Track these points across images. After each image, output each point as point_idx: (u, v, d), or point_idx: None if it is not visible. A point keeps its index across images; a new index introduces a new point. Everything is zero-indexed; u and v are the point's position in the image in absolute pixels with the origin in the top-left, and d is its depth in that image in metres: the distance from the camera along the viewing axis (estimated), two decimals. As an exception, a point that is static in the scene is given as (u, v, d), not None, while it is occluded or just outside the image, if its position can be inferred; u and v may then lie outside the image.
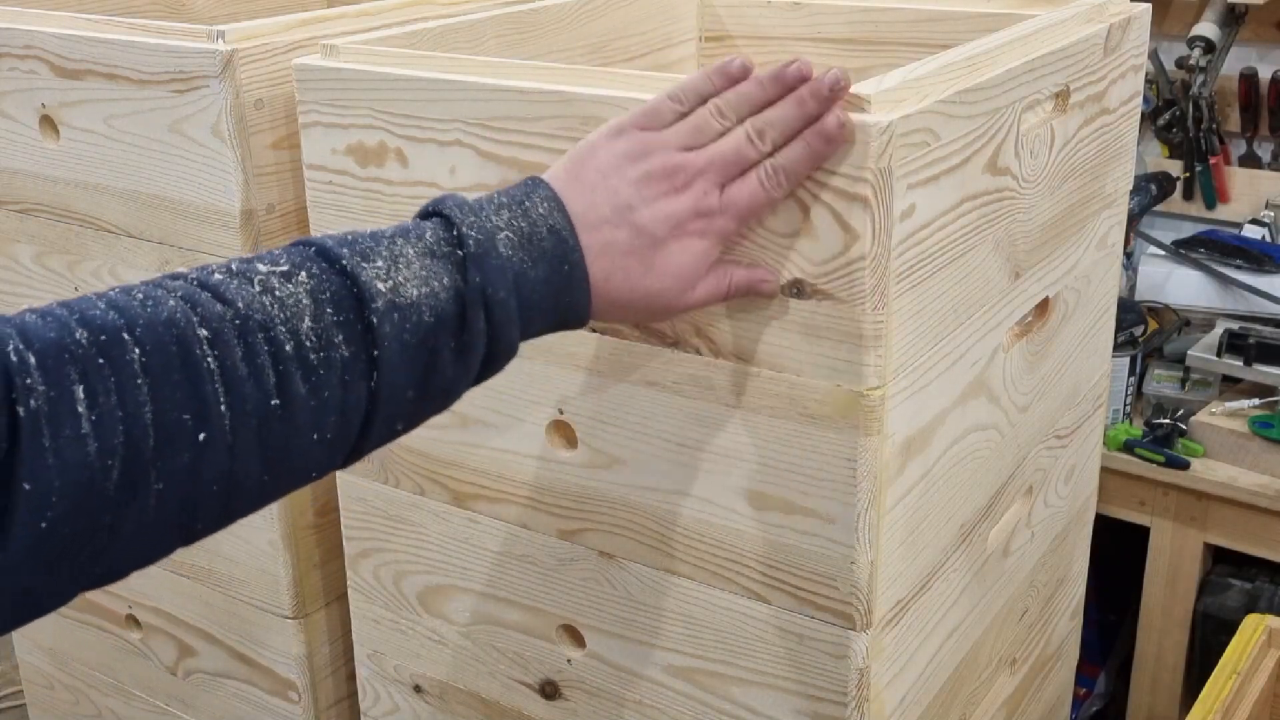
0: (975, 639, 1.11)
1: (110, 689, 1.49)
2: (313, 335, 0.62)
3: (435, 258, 0.68)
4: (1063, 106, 1.04)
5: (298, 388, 0.62)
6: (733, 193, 0.78)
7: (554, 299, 0.72)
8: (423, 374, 0.67)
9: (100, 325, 0.58)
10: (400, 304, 0.65)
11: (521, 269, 0.70)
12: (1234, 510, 1.79)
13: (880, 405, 0.85)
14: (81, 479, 0.55)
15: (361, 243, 0.67)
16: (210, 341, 0.59)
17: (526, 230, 0.71)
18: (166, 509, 0.59)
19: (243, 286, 0.62)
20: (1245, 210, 2.13)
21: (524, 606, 1.07)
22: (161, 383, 0.58)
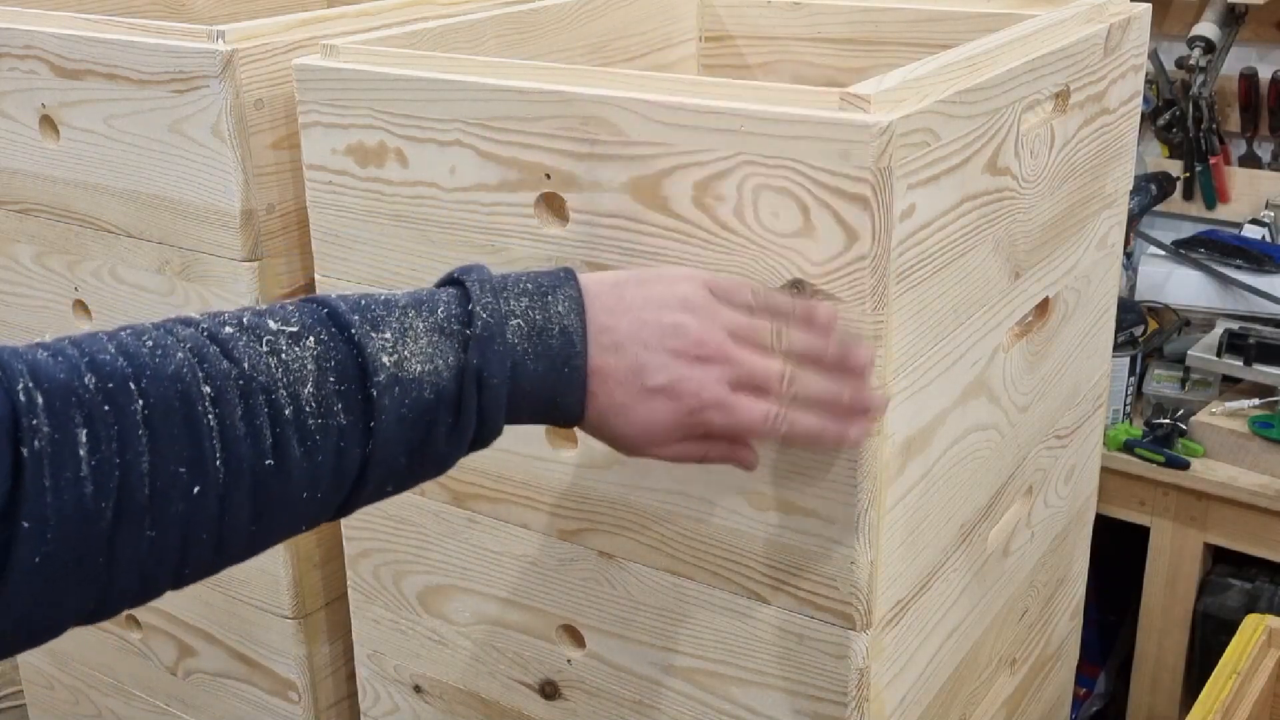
0: (975, 639, 1.11)
1: (110, 689, 1.49)
2: (313, 401, 0.64)
3: (443, 335, 0.69)
4: (1063, 106, 1.04)
5: (293, 450, 0.63)
6: (739, 400, 0.76)
7: (547, 395, 0.73)
8: (417, 446, 0.69)
9: (109, 372, 0.59)
10: (403, 379, 0.67)
11: (522, 359, 0.71)
12: (1234, 510, 1.79)
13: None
14: (77, 519, 0.56)
15: (373, 310, 0.68)
16: (213, 399, 0.61)
17: (540, 323, 0.72)
18: (157, 553, 0.60)
19: (250, 345, 0.64)
20: (1245, 210, 2.13)
21: (524, 606, 1.07)
22: (161, 436, 0.59)
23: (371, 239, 1.03)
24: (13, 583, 0.55)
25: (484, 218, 0.96)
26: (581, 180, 0.90)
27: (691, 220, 0.86)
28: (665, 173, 0.86)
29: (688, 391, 0.74)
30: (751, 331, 0.77)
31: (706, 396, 0.75)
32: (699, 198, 0.85)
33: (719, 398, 0.75)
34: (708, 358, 0.75)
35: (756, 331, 0.77)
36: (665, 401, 0.74)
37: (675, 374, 0.74)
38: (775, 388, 0.77)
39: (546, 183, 0.92)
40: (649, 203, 0.88)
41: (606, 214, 0.90)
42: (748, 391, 0.76)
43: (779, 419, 0.77)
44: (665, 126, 0.85)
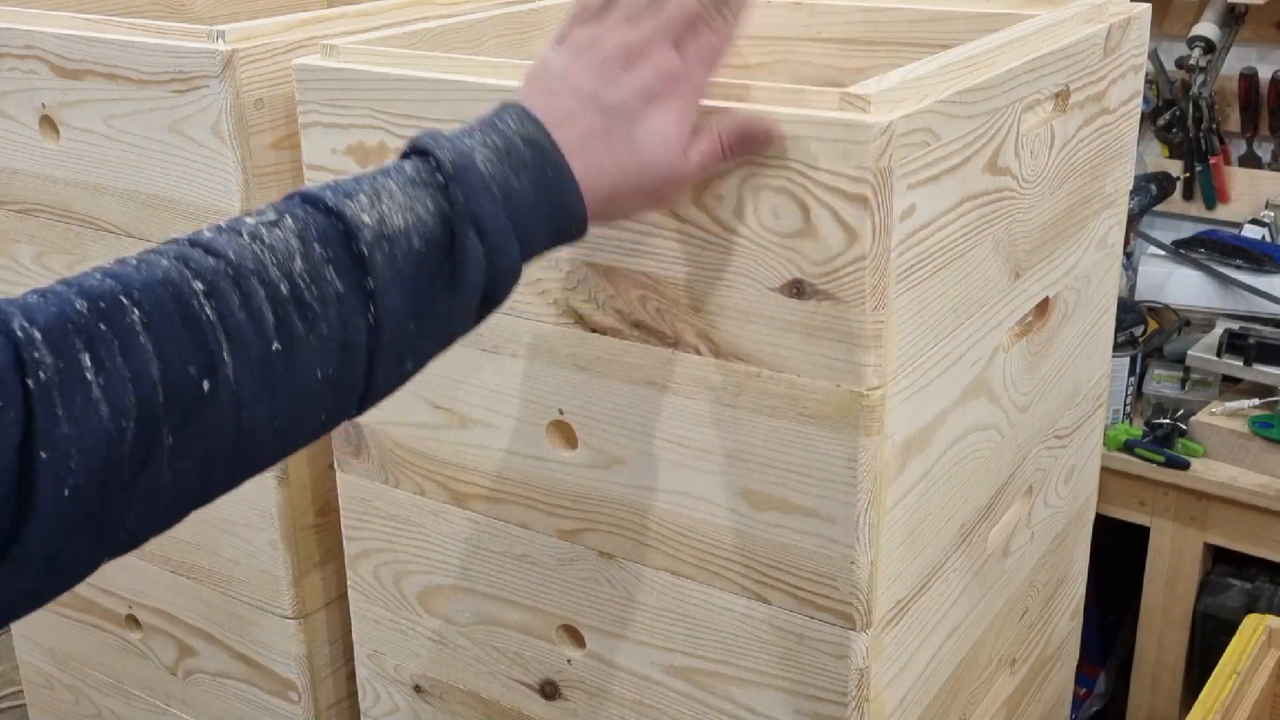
0: (975, 639, 1.11)
1: (110, 689, 1.49)
2: (305, 274, 0.63)
3: (417, 185, 0.68)
4: (1063, 106, 1.04)
5: (296, 327, 0.63)
6: (690, 48, 0.78)
7: (546, 206, 0.72)
8: (420, 302, 0.67)
9: (99, 293, 0.59)
10: (388, 234, 0.66)
11: (505, 182, 0.70)
12: (1234, 510, 1.79)
13: (880, 405, 0.85)
14: (98, 443, 0.56)
15: (343, 184, 0.68)
16: (207, 294, 0.61)
17: (502, 145, 0.71)
18: (181, 465, 0.60)
19: (232, 239, 0.63)
20: (1245, 210, 2.13)
21: (524, 606, 1.07)
22: (164, 339, 0.59)
23: (371, 239, 1.03)
24: (43, 521, 0.55)
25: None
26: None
27: (691, 220, 0.86)
28: (665, 173, 0.86)
29: (657, 80, 0.76)
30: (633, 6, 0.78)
31: (670, 69, 0.76)
32: (699, 198, 0.85)
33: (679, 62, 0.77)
34: (639, 51, 0.76)
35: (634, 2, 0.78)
36: (652, 107, 0.76)
37: (637, 83, 0.76)
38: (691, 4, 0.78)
39: (546, 183, 0.92)
40: (649, 203, 0.88)
41: (606, 214, 0.90)
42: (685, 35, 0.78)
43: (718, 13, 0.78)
44: (665, 126, 0.85)
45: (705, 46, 0.78)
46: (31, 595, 0.58)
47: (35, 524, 0.55)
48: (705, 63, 0.79)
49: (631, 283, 0.91)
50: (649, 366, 0.93)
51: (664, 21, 0.77)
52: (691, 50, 0.78)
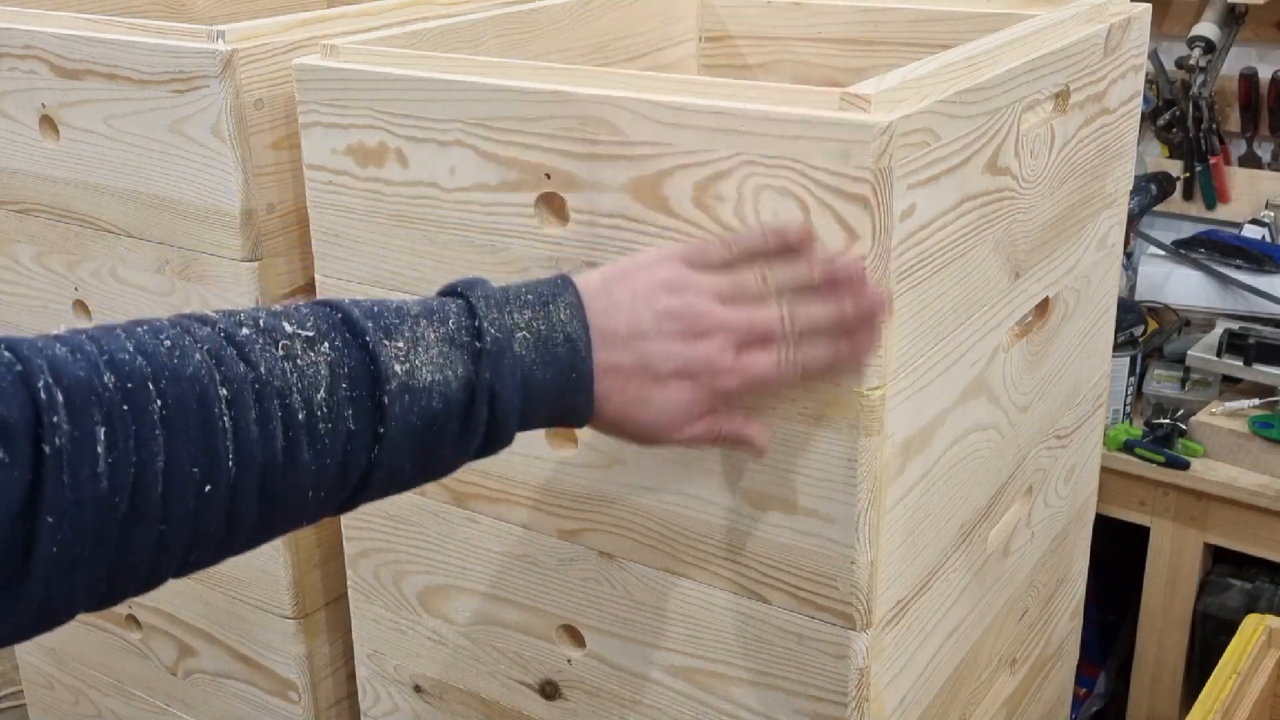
0: (975, 639, 1.11)
1: (110, 689, 1.49)
2: (325, 406, 0.65)
3: (454, 346, 0.70)
4: (1063, 107, 1.04)
5: (303, 453, 0.65)
6: (747, 359, 0.78)
7: (556, 400, 0.74)
8: (424, 453, 0.70)
9: (128, 372, 0.60)
10: (413, 387, 0.68)
11: (531, 370, 0.72)
12: (1234, 510, 1.79)
13: (880, 405, 0.85)
14: (93, 512, 0.58)
15: (386, 318, 0.69)
16: (229, 402, 0.63)
17: (544, 333, 0.73)
18: (166, 545, 0.62)
19: (267, 348, 0.65)
20: (1245, 210, 2.13)
21: (524, 606, 1.07)
22: (177, 436, 0.61)
23: (371, 239, 1.03)
24: (35, 573, 0.57)
25: (484, 218, 0.96)
26: (581, 180, 0.90)
27: (692, 220, 0.86)
28: (665, 173, 0.86)
29: (699, 368, 0.76)
30: (737, 289, 0.79)
31: (717, 365, 0.77)
32: (699, 198, 0.85)
33: (728, 363, 0.77)
34: (705, 331, 0.76)
35: (741, 286, 0.79)
36: (679, 383, 0.76)
37: (682, 356, 0.76)
38: (778, 332, 0.79)
39: (546, 183, 0.92)
40: (649, 203, 0.88)
41: (606, 214, 0.90)
42: (753, 348, 0.78)
43: (789, 361, 0.78)
44: (665, 126, 0.85)
45: (759, 369, 0.78)
46: (13, 636, 0.60)
47: (31, 577, 0.57)
48: (746, 382, 0.78)
49: (631, 283, 0.91)
50: (649, 366, 0.93)
51: (746, 323, 0.78)
52: (746, 362, 0.78)
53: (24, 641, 0.62)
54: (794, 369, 0.79)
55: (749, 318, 0.78)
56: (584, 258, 0.92)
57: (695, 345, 0.76)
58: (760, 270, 0.79)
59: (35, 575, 0.57)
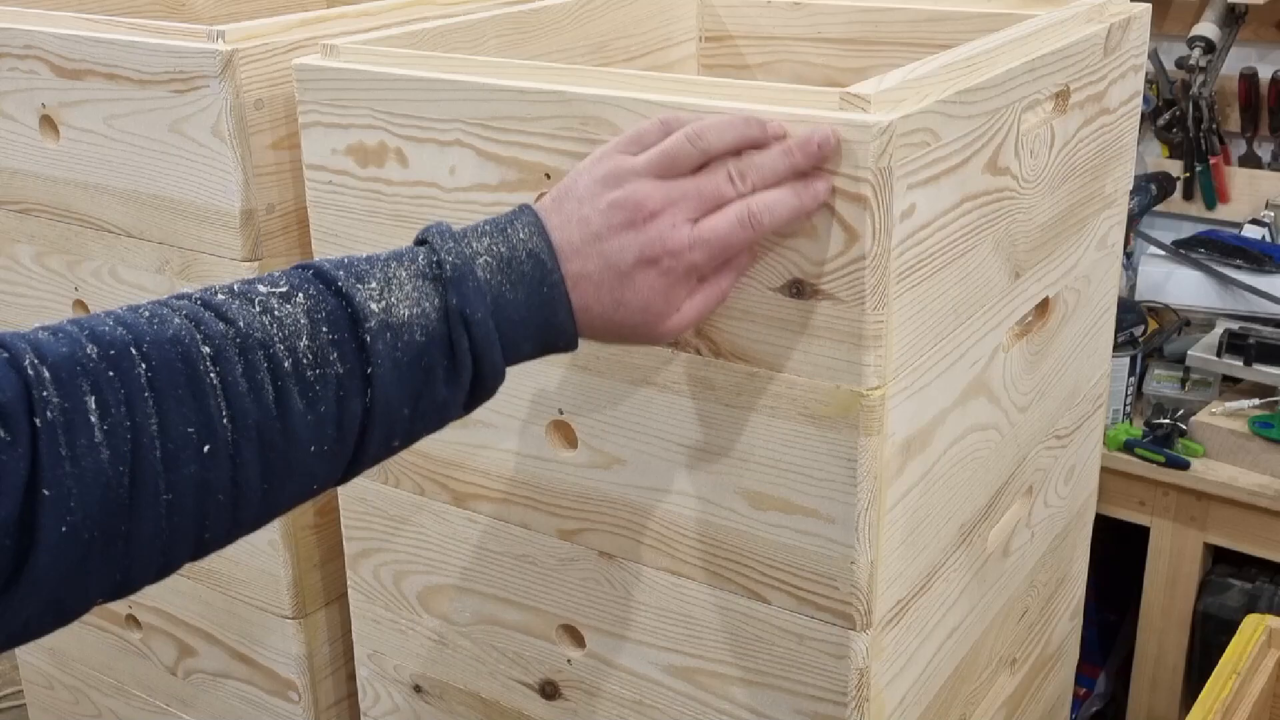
0: (975, 639, 1.11)
1: (110, 689, 1.49)
2: (309, 353, 0.66)
3: (425, 279, 0.70)
4: (1063, 106, 1.04)
5: (295, 403, 0.65)
6: (705, 227, 0.76)
7: (536, 320, 0.73)
8: (417, 391, 0.69)
9: (109, 340, 0.61)
10: (393, 324, 0.68)
11: (499, 292, 0.72)
12: (1234, 510, 1.79)
13: (880, 405, 0.85)
14: (97, 485, 0.58)
15: (357, 265, 0.70)
16: (213, 358, 0.63)
17: (506, 255, 0.73)
18: (176, 518, 0.61)
19: (244, 306, 0.65)
20: (1245, 210, 2.13)
21: (524, 606, 1.07)
22: (167, 396, 0.61)
23: (371, 239, 1.03)
24: (42, 556, 0.56)
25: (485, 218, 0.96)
26: (581, 180, 0.90)
27: (691, 220, 0.86)
28: (665, 173, 0.86)
29: (658, 250, 0.75)
30: (669, 158, 0.77)
31: (675, 242, 0.75)
32: (699, 198, 0.85)
33: (687, 237, 0.75)
34: (654, 211, 0.75)
35: (674, 154, 0.77)
36: (644, 272, 0.75)
37: (637, 243, 0.75)
38: (729, 191, 0.77)
39: (546, 183, 0.92)
40: (649, 203, 0.88)
41: (606, 214, 0.90)
42: (709, 214, 0.76)
43: (753, 215, 0.77)
44: (665, 126, 0.85)
45: (720, 234, 0.76)
46: (28, 629, 0.60)
47: (36, 559, 0.56)
48: (711, 251, 0.77)
49: (631, 283, 0.91)
50: (649, 366, 0.93)
51: (692, 191, 0.76)
52: (704, 230, 0.76)
53: (41, 637, 0.61)
54: (758, 223, 0.77)
55: (693, 185, 0.76)
56: (584, 258, 0.92)
57: (645, 230, 0.75)
58: (691, 132, 0.77)
59: (43, 559, 0.56)
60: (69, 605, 0.60)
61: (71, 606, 0.60)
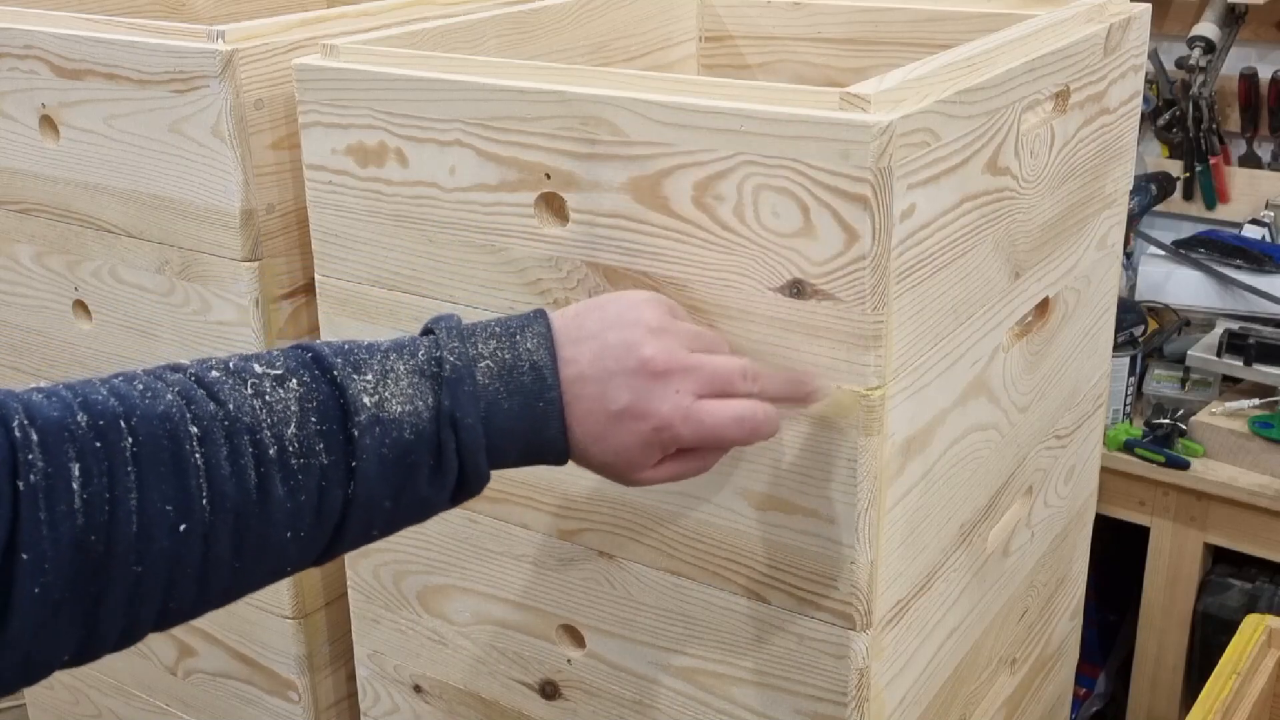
0: (975, 639, 1.11)
1: (110, 689, 1.49)
2: (296, 441, 0.66)
3: (423, 377, 0.70)
4: (1063, 106, 1.04)
5: (276, 489, 0.65)
6: (705, 410, 0.76)
7: (526, 433, 0.73)
8: (400, 486, 0.69)
9: (100, 411, 0.61)
10: (383, 419, 0.68)
11: (494, 399, 0.71)
12: (1234, 510, 1.79)
13: (880, 405, 0.85)
14: (71, 550, 0.58)
15: (356, 354, 0.70)
16: (199, 439, 0.63)
17: (509, 362, 0.73)
18: (145, 590, 0.62)
19: (236, 387, 0.65)
20: (1245, 210, 2.13)
21: (524, 606, 1.07)
22: (149, 473, 0.61)
23: (371, 239, 1.03)
24: (17, 617, 0.57)
25: (484, 218, 0.96)
26: (581, 180, 0.90)
27: (691, 220, 0.86)
28: (665, 173, 0.86)
29: (650, 410, 0.74)
30: (709, 340, 0.78)
31: (668, 411, 0.74)
32: (699, 198, 0.85)
33: (683, 411, 0.75)
34: (664, 372, 0.75)
35: (714, 340, 0.79)
36: (631, 423, 0.74)
37: (634, 393, 0.74)
38: (740, 386, 0.77)
39: (546, 183, 0.92)
40: (649, 203, 0.88)
41: (606, 214, 0.90)
42: (713, 397, 0.76)
43: (754, 420, 0.77)
44: (665, 126, 0.85)
45: (714, 419, 0.76)
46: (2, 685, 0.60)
47: (11, 620, 0.57)
48: (700, 432, 0.76)
49: (632, 283, 0.91)
50: (649, 366, 0.93)
51: (709, 368, 0.76)
52: (703, 410, 0.76)
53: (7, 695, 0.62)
54: (755, 428, 0.77)
55: (712, 363, 0.77)
56: (584, 257, 0.92)
57: (651, 384, 0.74)
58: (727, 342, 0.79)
59: (16, 619, 0.57)
60: (37, 665, 0.60)
61: (38, 667, 0.60)
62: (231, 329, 1.17)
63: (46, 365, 1.35)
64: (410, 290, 1.02)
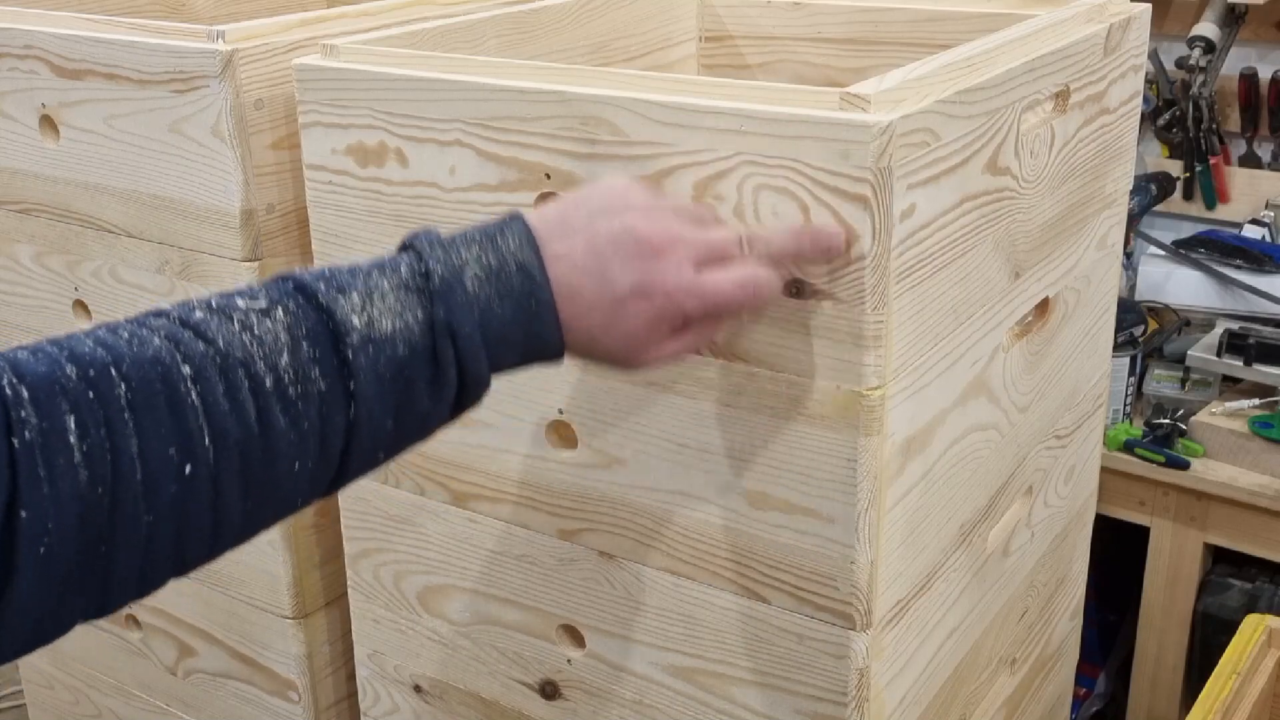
0: (975, 639, 1.11)
1: (110, 689, 1.49)
2: (290, 370, 0.65)
3: (409, 291, 0.69)
4: (1063, 106, 1.04)
5: (277, 421, 0.64)
6: (707, 280, 0.75)
7: (522, 331, 0.72)
8: (400, 405, 0.69)
9: (89, 361, 0.60)
10: (375, 338, 0.67)
11: (487, 304, 0.71)
12: (1234, 510, 1.79)
13: (880, 405, 0.85)
14: (76, 507, 0.57)
15: (338, 277, 0.69)
16: (193, 378, 0.62)
17: (495, 265, 0.71)
18: (157, 539, 0.61)
19: (223, 324, 0.64)
20: (1245, 210, 2.13)
21: (524, 606, 1.07)
22: (147, 417, 0.60)
23: (371, 239, 1.03)
24: (23, 579, 0.56)
25: (484, 218, 0.96)
26: (581, 180, 0.90)
27: (691, 220, 0.86)
28: (665, 173, 0.86)
29: (655, 287, 0.74)
30: (699, 211, 0.78)
31: (673, 285, 0.74)
32: (699, 197, 0.85)
33: (686, 282, 0.75)
34: (663, 247, 0.74)
35: (703, 211, 0.78)
36: (637, 303, 0.74)
37: (637, 274, 0.74)
38: (736, 252, 0.77)
39: (546, 183, 0.92)
40: (649, 203, 0.88)
41: (606, 214, 0.90)
42: (713, 266, 0.76)
43: (755, 283, 0.77)
44: (665, 126, 0.85)
45: (715, 288, 0.75)
46: (6, 651, 0.59)
47: (15, 582, 0.56)
48: (704, 302, 0.75)
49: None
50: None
51: (703, 239, 0.76)
52: (704, 281, 0.75)
53: (23, 656, 0.61)
54: (757, 292, 0.77)
55: (707, 235, 0.76)
56: (584, 258, 0.92)
57: (651, 262, 0.74)
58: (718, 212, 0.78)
59: (23, 582, 0.56)
60: (47, 627, 0.59)
61: (50, 628, 0.60)
62: (231, 329, 1.17)
63: (46, 365, 1.35)
64: (410, 290, 1.02)
